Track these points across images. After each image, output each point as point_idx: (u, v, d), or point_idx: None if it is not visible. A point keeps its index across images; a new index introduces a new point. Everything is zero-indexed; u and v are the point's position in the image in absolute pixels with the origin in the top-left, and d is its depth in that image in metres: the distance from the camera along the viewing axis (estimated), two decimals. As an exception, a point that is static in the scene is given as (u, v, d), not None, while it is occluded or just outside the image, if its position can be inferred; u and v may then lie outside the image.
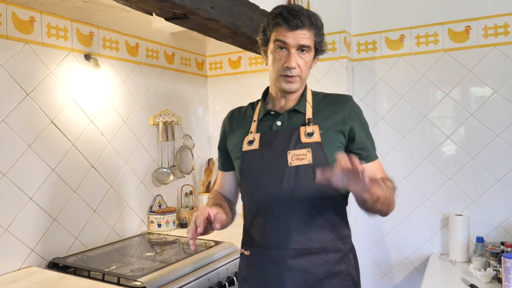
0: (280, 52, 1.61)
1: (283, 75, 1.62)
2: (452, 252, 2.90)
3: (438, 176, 3.10)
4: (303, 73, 1.64)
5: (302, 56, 1.61)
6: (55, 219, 2.52)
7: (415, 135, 3.17)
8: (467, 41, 2.98)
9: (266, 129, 1.71)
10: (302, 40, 1.58)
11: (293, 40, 1.58)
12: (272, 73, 1.68)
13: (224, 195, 1.91)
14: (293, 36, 1.57)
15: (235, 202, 1.95)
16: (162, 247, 2.80)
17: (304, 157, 1.58)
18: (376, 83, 3.29)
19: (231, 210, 1.84)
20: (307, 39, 1.60)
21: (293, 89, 1.65)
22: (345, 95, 1.76)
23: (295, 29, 1.57)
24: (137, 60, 3.18)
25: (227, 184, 1.93)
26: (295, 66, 1.60)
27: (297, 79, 1.63)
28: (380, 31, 3.28)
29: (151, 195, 3.27)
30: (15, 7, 2.35)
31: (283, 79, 1.63)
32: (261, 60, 3.72)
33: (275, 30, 1.61)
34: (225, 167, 1.91)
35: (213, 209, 1.52)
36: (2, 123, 2.26)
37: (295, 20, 1.56)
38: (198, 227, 1.44)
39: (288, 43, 1.58)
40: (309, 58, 1.65)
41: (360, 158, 1.61)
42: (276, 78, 1.65)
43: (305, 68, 1.64)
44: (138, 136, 3.16)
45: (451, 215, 2.93)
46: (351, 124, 1.64)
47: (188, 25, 2.10)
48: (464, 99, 3.00)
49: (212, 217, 1.50)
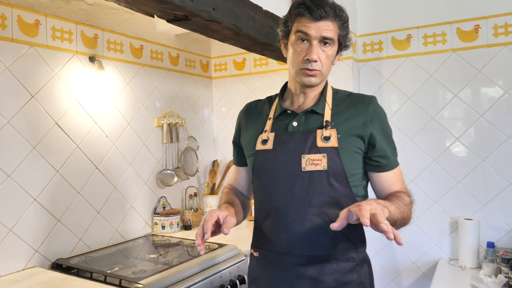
0: (301, 44, 1.53)
1: (303, 68, 1.54)
2: (461, 258, 2.83)
3: (447, 179, 3.04)
4: (324, 68, 1.55)
5: (324, 49, 1.52)
6: (59, 220, 2.52)
7: (423, 137, 3.12)
8: (476, 41, 2.93)
9: (281, 129, 1.64)
10: (325, 32, 1.49)
11: (315, 31, 1.49)
12: (292, 66, 1.59)
13: (239, 190, 1.88)
14: (316, 27, 1.49)
15: (249, 197, 1.91)
16: (165, 249, 2.79)
17: (319, 162, 1.51)
18: (382, 84, 3.25)
19: (244, 206, 1.79)
20: (331, 31, 1.51)
21: (313, 83, 1.57)
22: (368, 96, 1.65)
23: (318, 19, 1.48)
24: (141, 62, 3.18)
25: (241, 179, 1.88)
26: (316, 59, 1.51)
27: (318, 73, 1.54)
28: (386, 31, 3.24)
29: (155, 197, 3.27)
30: (21, 10, 2.37)
31: (303, 73, 1.54)
32: (265, 62, 3.70)
33: (297, 21, 1.53)
34: (239, 162, 1.86)
35: (223, 212, 1.46)
36: (7, 125, 2.28)
37: (319, 10, 1.47)
38: (206, 234, 1.37)
39: (310, 34, 1.49)
40: (332, 52, 1.55)
41: (379, 167, 1.58)
42: (296, 72, 1.57)
43: (327, 62, 1.55)
44: (143, 138, 3.16)
45: (461, 219, 2.87)
46: (371, 130, 1.55)
47: (189, 27, 2.08)
48: (474, 99, 2.95)
49: (222, 221, 1.44)
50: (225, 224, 1.43)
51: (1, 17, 2.27)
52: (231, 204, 1.68)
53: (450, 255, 3.03)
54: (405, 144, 3.15)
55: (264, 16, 2.43)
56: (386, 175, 1.59)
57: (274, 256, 1.59)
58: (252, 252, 1.71)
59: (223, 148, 3.94)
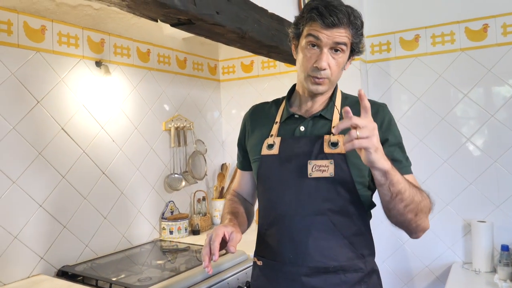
0: (311, 50, 1.48)
1: (311, 75, 1.49)
2: (475, 261, 2.79)
3: (459, 181, 3.00)
4: (333, 75, 1.50)
5: (335, 56, 1.47)
6: (65, 227, 2.51)
7: (433, 138, 3.08)
8: (485, 40, 2.89)
9: (288, 134, 1.60)
10: (337, 38, 1.44)
11: (327, 38, 1.44)
12: (300, 71, 1.55)
13: (243, 196, 1.84)
14: (328, 34, 1.43)
15: (253, 203, 1.87)
16: (173, 254, 2.77)
17: (325, 168, 1.46)
18: (391, 85, 3.22)
19: (248, 214, 1.76)
20: (344, 38, 1.45)
21: (320, 91, 1.53)
22: (378, 103, 1.59)
23: (331, 27, 1.43)
24: (148, 66, 3.17)
25: (245, 184, 1.84)
26: (326, 67, 1.46)
27: (326, 82, 1.50)
28: (394, 32, 3.21)
29: (163, 202, 3.25)
30: (27, 16, 2.37)
31: (311, 80, 1.50)
32: (273, 64, 3.68)
33: (309, 25, 1.48)
34: (244, 166, 1.81)
35: (228, 228, 1.41)
36: (13, 131, 2.27)
37: (332, 17, 1.41)
38: (214, 255, 1.32)
39: (321, 40, 1.44)
40: (343, 59, 1.50)
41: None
42: (304, 78, 1.52)
43: (337, 70, 1.50)
44: (150, 142, 3.15)
45: (474, 221, 2.82)
46: (380, 137, 1.44)
47: (194, 30, 2.06)
48: (484, 99, 2.91)
49: (228, 238, 1.39)
50: (231, 242, 1.38)
51: (7, 23, 2.27)
52: (235, 215, 1.64)
53: (463, 258, 2.99)
54: (415, 145, 3.11)
55: (269, 19, 2.40)
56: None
57: (278, 266, 1.54)
58: (256, 260, 1.67)
59: (231, 151, 3.92)
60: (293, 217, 1.50)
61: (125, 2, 1.64)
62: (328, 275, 1.47)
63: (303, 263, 1.49)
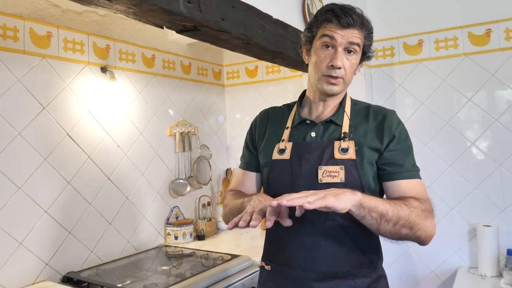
0: (326, 51, 1.50)
1: (326, 75, 1.50)
2: (481, 266, 2.79)
3: (464, 185, 3.00)
4: (347, 76, 1.52)
5: (348, 57, 1.50)
6: (70, 232, 2.51)
7: (438, 142, 3.08)
8: (488, 44, 2.90)
9: (299, 139, 1.60)
10: (351, 38, 1.47)
11: (342, 37, 1.47)
12: (314, 73, 1.55)
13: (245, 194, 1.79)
14: (343, 34, 1.47)
15: None
16: (178, 260, 2.76)
17: (336, 174, 1.47)
18: (395, 90, 3.23)
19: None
20: (357, 38, 1.49)
21: (335, 91, 1.53)
22: (387, 109, 1.60)
23: (346, 27, 1.46)
24: (153, 71, 3.18)
25: (248, 185, 1.78)
26: (341, 66, 1.48)
27: (340, 81, 1.52)
28: (397, 37, 3.22)
29: (168, 207, 3.25)
30: (33, 22, 2.38)
31: (326, 80, 1.51)
32: (278, 69, 3.69)
33: (323, 27, 1.50)
34: (250, 167, 1.78)
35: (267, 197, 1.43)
36: (18, 137, 2.28)
37: (347, 17, 1.45)
38: (254, 221, 1.29)
39: (336, 40, 1.47)
40: (356, 60, 1.53)
41: (385, 174, 1.51)
42: (318, 79, 1.53)
43: (350, 70, 1.53)
44: (155, 147, 3.15)
45: (479, 226, 2.83)
46: (387, 143, 1.51)
47: (199, 37, 2.07)
48: (488, 103, 2.92)
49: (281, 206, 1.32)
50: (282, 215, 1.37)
51: (13, 30, 2.29)
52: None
53: (469, 263, 2.99)
54: (419, 149, 3.12)
55: (274, 25, 2.41)
56: (397, 184, 1.51)
57: (287, 271, 1.54)
58: (263, 265, 1.66)
59: (236, 156, 3.91)
60: (303, 222, 1.50)
61: (131, 10, 1.65)
62: (337, 280, 1.48)
63: (312, 268, 1.49)
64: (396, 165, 1.52)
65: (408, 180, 1.53)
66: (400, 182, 1.51)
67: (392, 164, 1.52)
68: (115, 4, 1.59)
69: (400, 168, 1.52)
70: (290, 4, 2.64)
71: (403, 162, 1.53)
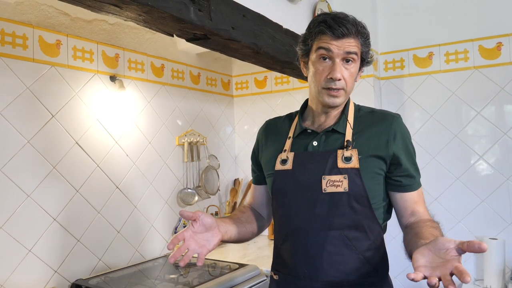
0: (323, 63, 1.47)
1: (326, 88, 1.48)
2: (487, 278, 2.76)
3: (471, 198, 2.99)
4: (348, 86, 1.49)
5: (347, 66, 1.47)
6: (78, 240, 2.52)
7: (446, 155, 3.07)
8: (498, 58, 2.89)
9: (301, 149, 1.59)
10: (348, 48, 1.45)
11: (338, 48, 1.44)
12: (314, 86, 1.53)
13: (256, 209, 1.82)
14: (338, 44, 1.44)
15: (265, 216, 1.83)
16: (186, 269, 2.75)
17: (339, 184, 1.45)
18: (404, 102, 3.22)
19: (258, 220, 1.76)
20: (354, 47, 1.46)
21: (337, 103, 1.51)
22: (391, 114, 1.58)
23: (341, 37, 1.44)
24: (162, 81, 3.19)
25: (259, 198, 1.82)
26: (340, 78, 1.45)
27: (342, 93, 1.49)
28: (407, 49, 3.22)
29: (176, 216, 3.25)
30: (42, 30, 2.40)
31: (326, 93, 1.49)
32: (287, 80, 3.69)
33: (318, 39, 1.48)
34: (258, 180, 1.81)
35: (187, 213, 1.41)
36: (28, 145, 2.29)
37: (341, 28, 1.43)
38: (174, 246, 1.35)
39: (332, 51, 1.44)
40: (355, 69, 1.50)
41: (401, 187, 1.52)
42: (318, 92, 1.51)
43: (350, 80, 1.50)
44: (163, 157, 3.16)
45: (485, 238, 2.81)
46: (394, 150, 1.49)
47: (209, 45, 2.08)
48: (497, 117, 2.90)
49: (194, 226, 1.41)
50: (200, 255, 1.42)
51: (23, 38, 2.30)
52: (228, 217, 1.66)
53: (475, 275, 2.97)
54: (428, 162, 3.10)
55: (284, 35, 2.42)
56: (409, 195, 1.53)
57: (293, 280, 1.54)
58: (272, 274, 1.67)
59: (244, 166, 3.92)
60: (307, 232, 1.50)
61: (141, 17, 1.67)
62: None
63: (317, 278, 1.48)
64: (410, 177, 1.53)
65: (418, 189, 1.56)
66: (413, 193, 1.54)
67: (405, 176, 1.52)
68: (125, 11, 1.60)
69: (413, 180, 1.53)
70: (300, 14, 2.66)
71: (413, 172, 1.54)
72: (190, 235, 1.41)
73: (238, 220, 1.66)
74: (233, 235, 1.58)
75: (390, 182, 1.54)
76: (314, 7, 2.89)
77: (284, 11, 2.53)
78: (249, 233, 1.71)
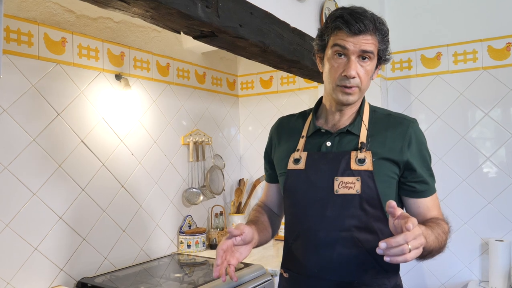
0: (338, 60, 1.45)
1: (340, 85, 1.46)
2: (492, 280, 2.75)
3: (477, 200, 2.97)
4: (363, 84, 1.46)
5: (363, 64, 1.44)
6: (84, 239, 2.51)
7: (453, 157, 3.05)
8: (508, 59, 2.87)
9: (314, 148, 1.57)
10: (364, 46, 1.42)
11: (354, 45, 1.41)
12: (328, 83, 1.51)
13: (268, 207, 1.82)
14: (355, 41, 1.41)
15: (280, 214, 1.84)
16: (191, 268, 2.76)
17: (352, 185, 1.44)
18: (411, 102, 3.20)
19: (272, 223, 1.74)
20: (371, 44, 1.43)
21: (351, 101, 1.49)
22: (408, 119, 1.56)
23: (357, 34, 1.40)
24: (168, 80, 3.18)
25: (272, 196, 1.82)
26: (355, 75, 1.43)
27: (356, 90, 1.46)
28: (415, 49, 3.20)
29: (181, 216, 3.24)
30: (47, 28, 2.38)
31: (340, 90, 1.46)
32: (292, 80, 3.68)
33: (334, 35, 1.45)
34: (271, 178, 1.80)
35: (236, 231, 1.38)
36: (33, 143, 2.28)
37: (358, 24, 1.39)
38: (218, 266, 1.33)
39: (348, 49, 1.42)
40: (371, 67, 1.47)
41: (415, 192, 1.51)
42: (332, 89, 1.49)
43: (366, 78, 1.47)
44: (168, 156, 3.15)
45: (491, 240, 2.79)
46: (408, 155, 1.47)
47: (216, 43, 2.06)
48: (505, 119, 2.88)
49: (237, 239, 1.38)
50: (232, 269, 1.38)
51: (28, 35, 2.29)
52: (254, 223, 1.63)
53: (480, 277, 2.96)
54: (434, 163, 3.04)
55: (291, 33, 2.41)
56: (423, 201, 1.51)
57: (303, 279, 1.54)
58: (282, 272, 1.66)
59: (249, 166, 3.91)
60: (318, 232, 1.49)
61: (149, 13, 1.65)
62: None
63: (327, 278, 1.48)
64: (424, 183, 1.51)
65: (433, 195, 1.54)
66: (427, 199, 1.52)
67: (419, 182, 1.50)
68: (132, 7, 1.58)
69: (427, 186, 1.52)
70: (307, 12, 2.65)
71: (429, 180, 1.53)
72: (228, 247, 1.39)
73: (262, 225, 1.65)
74: (258, 243, 1.57)
75: (403, 187, 1.52)
76: (322, 6, 2.87)
77: (291, 9, 2.52)
78: (269, 238, 1.71)
